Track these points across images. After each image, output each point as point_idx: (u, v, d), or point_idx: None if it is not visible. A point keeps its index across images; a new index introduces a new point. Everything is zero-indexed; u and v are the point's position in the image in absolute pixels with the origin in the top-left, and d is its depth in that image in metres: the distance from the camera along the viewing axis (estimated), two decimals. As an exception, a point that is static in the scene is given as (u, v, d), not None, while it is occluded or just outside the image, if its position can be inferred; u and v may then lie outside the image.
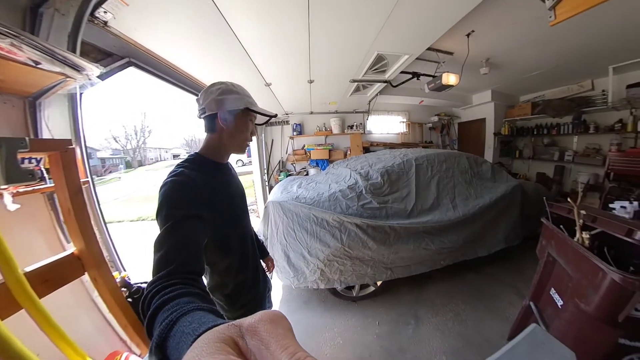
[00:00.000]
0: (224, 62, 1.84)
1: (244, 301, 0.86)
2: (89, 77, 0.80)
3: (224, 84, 0.75)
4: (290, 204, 1.87)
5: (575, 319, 1.19)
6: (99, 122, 51.99)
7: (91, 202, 1.06)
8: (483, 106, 4.72)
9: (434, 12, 1.56)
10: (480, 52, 2.80)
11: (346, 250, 1.81)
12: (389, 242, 1.88)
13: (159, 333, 0.30)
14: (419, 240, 1.96)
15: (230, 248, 0.80)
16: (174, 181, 0.63)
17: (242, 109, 0.74)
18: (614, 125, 3.26)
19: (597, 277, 1.03)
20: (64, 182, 0.75)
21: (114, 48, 1.23)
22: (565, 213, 1.44)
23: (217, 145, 0.77)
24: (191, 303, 0.35)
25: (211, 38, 1.44)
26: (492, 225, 2.31)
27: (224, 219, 0.75)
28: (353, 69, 2.34)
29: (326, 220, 1.82)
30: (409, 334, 1.78)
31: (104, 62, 1.18)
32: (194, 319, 0.30)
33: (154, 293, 0.40)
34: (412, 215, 2.03)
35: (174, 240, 0.52)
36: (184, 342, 0.26)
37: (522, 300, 2.08)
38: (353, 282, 1.94)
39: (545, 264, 1.54)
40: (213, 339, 0.17)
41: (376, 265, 1.91)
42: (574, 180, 3.78)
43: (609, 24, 2.19)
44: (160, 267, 0.46)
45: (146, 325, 0.36)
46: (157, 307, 0.37)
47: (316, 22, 1.50)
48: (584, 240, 1.25)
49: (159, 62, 1.40)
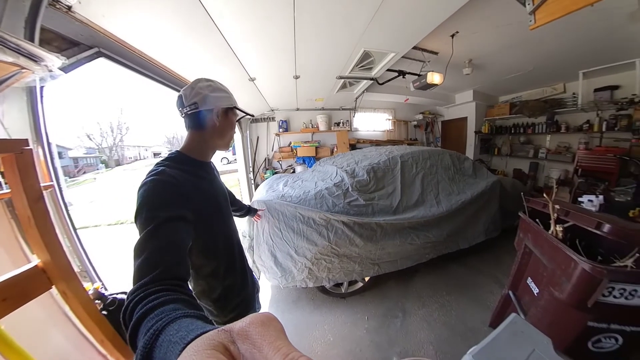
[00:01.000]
0: (204, 54, 1.74)
1: (233, 304, 0.82)
2: (49, 69, 0.71)
3: (212, 81, 0.74)
4: (276, 203, 1.84)
5: (549, 306, 1.27)
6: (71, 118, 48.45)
7: (57, 208, 0.96)
8: (465, 105, 4.89)
9: (420, 11, 1.58)
10: (463, 53, 2.88)
11: (333, 248, 1.82)
12: (376, 239, 1.90)
13: (144, 344, 0.28)
14: (404, 236, 2.00)
15: (216, 250, 0.77)
16: (154, 180, 0.59)
17: (232, 107, 0.77)
18: (582, 126, 3.50)
19: (570, 266, 1.10)
20: (21, 187, 0.67)
21: (80, 37, 1.11)
22: (541, 207, 1.52)
23: (203, 142, 0.75)
24: (177, 310, 0.33)
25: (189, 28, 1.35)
26: (474, 219, 2.41)
27: (208, 220, 0.72)
28: (339, 66, 2.32)
29: (313, 218, 1.81)
30: (397, 326, 1.82)
31: (69, 51, 1.06)
32: (181, 326, 0.28)
33: (137, 302, 0.37)
34: (397, 211, 2.06)
35: (156, 244, 0.49)
36: (172, 351, 0.25)
37: (501, 289, 2.20)
38: (341, 279, 1.94)
39: (523, 255, 1.63)
40: (203, 346, 0.16)
41: (363, 262, 1.93)
42: (547, 176, 4.03)
43: (580, 31, 2.34)
44: (142, 274, 0.43)
45: (129, 336, 0.34)
46: (140, 316, 0.34)
47: (304, 17, 1.47)
48: (557, 233, 1.33)
49: (132, 53, 1.29)
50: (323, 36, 1.72)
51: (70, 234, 1.00)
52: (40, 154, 0.91)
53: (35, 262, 0.73)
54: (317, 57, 2.07)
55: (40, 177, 0.73)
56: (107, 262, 3.17)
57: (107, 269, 1.37)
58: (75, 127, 27.83)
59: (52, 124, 0.98)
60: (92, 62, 1.19)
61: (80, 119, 39.55)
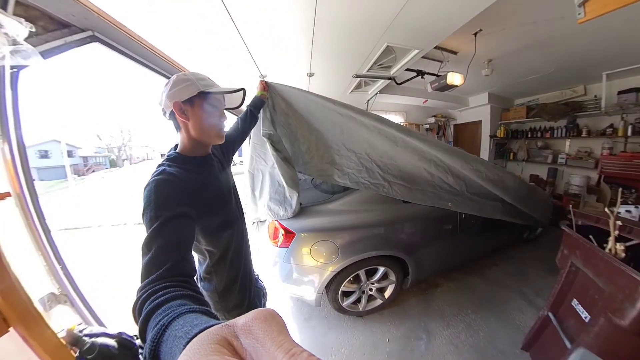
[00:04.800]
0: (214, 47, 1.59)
1: (236, 301, 0.86)
2: (14, 40, 0.54)
3: (176, 76, 0.69)
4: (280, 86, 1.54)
5: (606, 333, 1.12)
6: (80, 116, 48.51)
7: (28, 219, 0.78)
8: (479, 108, 4.73)
9: (450, 6, 1.44)
10: (483, 53, 2.73)
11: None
12: (394, 139, 1.61)
13: (152, 338, 0.30)
14: (421, 160, 1.69)
15: (220, 244, 0.79)
16: (156, 180, 0.61)
17: (195, 94, 0.68)
18: (605, 130, 3.33)
19: (636, 291, 0.96)
20: None
21: (72, 17, 0.95)
22: (594, 222, 1.34)
23: (190, 140, 0.73)
24: (183, 306, 0.35)
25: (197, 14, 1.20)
26: (514, 197, 1.98)
27: (213, 214, 0.74)
28: (358, 62, 2.17)
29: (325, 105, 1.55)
30: (422, 350, 1.65)
31: (57, 32, 0.90)
32: (186, 321, 0.30)
33: (145, 297, 0.39)
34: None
35: (162, 242, 0.50)
36: (177, 346, 0.26)
37: (529, 306, 2.06)
38: (343, 180, 1.67)
39: (567, 274, 1.46)
40: (207, 341, 0.17)
41: (372, 171, 1.65)
42: (567, 182, 3.84)
43: (612, 28, 2.17)
44: (149, 271, 0.45)
45: (139, 330, 0.36)
46: (149, 311, 0.36)
47: (324, 8, 1.31)
48: (617, 252, 1.17)
49: (132, 39, 1.12)
50: (344, 29, 1.57)
51: (45, 249, 0.82)
52: (6, 153, 0.73)
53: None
54: (336, 52, 1.91)
55: (6, 180, 0.56)
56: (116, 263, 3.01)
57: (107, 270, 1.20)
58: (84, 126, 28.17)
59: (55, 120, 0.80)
60: (87, 49, 1.03)
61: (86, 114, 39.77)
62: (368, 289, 1.90)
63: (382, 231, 1.78)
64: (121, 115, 50.98)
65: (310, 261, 1.63)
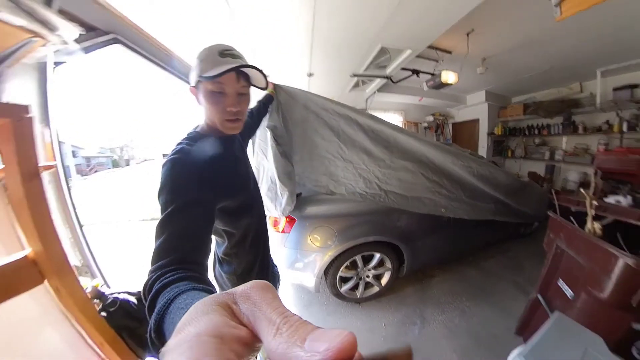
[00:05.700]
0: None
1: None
2: (64, 41, 0.65)
3: (198, 53, 0.67)
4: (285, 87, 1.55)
5: (587, 307, 1.20)
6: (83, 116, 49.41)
7: (60, 193, 0.89)
8: (477, 107, 4.81)
9: (440, 7, 1.54)
10: (478, 52, 2.83)
11: (341, 148, 1.65)
12: (389, 147, 1.68)
13: (157, 312, 0.32)
14: (418, 164, 1.77)
15: (240, 227, 0.77)
16: (173, 160, 0.59)
17: (199, 80, 0.65)
18: (601, 126, 3.37)
19: (611, 263, 1.04)
20: (15, 162, 0.57)
21: (98, 22, 1.09)
22: (575, 205, 1.43)
23: (207, 123, 0.72)
24: (189, 284, 0.36)
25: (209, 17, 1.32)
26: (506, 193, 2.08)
27: (231, 195, 0.72)
28: (355, 63, 2.29)
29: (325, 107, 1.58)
30: (415, 334, 1.72)
31: (85, 36, 1.04)
32: (189, 296, 0.32)
33: (156, 278, 0.41)
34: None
35: (173, 229, 0.50)
36: (178, 315, 0.27)
37: (524, 295, 2.10)
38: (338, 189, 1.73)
39: (554, 256, 1.53)
40: (209, 302, 0.18)
41: (370, 181, 1.71)
42: (564, 179, 3.88)
43: (602, 25, 2.26)
44: (160, 256, 0.45)
45: (147, 309, 0.38)
46: (158, 290, 0.37)
47: (322, 14, 1.44)
48: (595, 230, 1.25)
49: (150, 43, 1.26)
50: (341, 32, 1.69)
51: (72, 224, 0.93)
52: (47, 135, 0.85)
53: (26, 252, 0.62)
54: (334, 53, 2.04)
55: (44, 158, 0.67)
56: (113, 260, 3.13)
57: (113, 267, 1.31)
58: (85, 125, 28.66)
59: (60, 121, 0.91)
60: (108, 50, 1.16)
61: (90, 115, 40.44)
62: (365, 276, 1.98)
63: (379, 218, 1.87)
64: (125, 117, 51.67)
65: (309, 246, 1.73)
